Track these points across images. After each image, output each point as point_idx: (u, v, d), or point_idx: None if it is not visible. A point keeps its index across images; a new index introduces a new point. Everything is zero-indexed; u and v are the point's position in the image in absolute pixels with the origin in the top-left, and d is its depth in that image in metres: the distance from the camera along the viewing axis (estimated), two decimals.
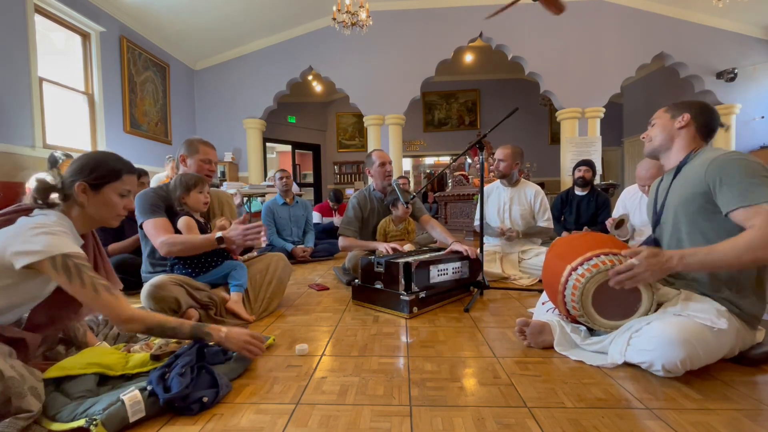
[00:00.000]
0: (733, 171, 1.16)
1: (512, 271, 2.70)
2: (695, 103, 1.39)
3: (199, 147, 2.00)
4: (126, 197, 1.22)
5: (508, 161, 2.74)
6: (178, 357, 1.14)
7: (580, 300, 1.29)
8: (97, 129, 5.12)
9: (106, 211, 1.19)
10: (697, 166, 1.27)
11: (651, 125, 1.47)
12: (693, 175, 1.27)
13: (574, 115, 6.50)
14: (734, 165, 1.17)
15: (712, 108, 1.37)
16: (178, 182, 1.85)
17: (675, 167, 1.39)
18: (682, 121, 1.36)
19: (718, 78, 6.35)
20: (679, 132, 1.38)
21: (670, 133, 1.39)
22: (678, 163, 1.37)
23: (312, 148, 10.44)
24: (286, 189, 3.83)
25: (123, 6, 5.34)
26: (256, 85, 7.12)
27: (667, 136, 1.40)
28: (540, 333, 1.40)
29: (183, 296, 1.64)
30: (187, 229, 1.80)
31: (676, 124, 1.38)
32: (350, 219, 2.65)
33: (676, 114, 1.39)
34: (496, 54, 6.99)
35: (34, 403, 0.89)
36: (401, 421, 0.98)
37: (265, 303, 1.96)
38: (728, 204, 1.16)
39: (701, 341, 1.12)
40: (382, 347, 1.49)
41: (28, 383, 0.89)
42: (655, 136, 1.43)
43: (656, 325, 1.17)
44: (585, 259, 1.31)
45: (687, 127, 1.36)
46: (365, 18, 5.06)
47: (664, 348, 1.12)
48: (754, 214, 1.10)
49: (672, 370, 1.13)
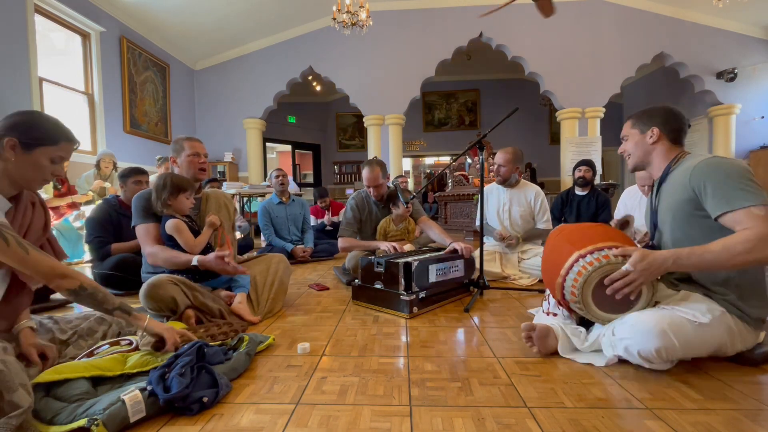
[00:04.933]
0: (715, 176, 1.18)
1: (512, 270, 2.70)
2: (657, 111, 1.40)
3: (184, 144, 1.98)
4: (57, 164, 1.15)
5: (508, 166, 2.73)
6: (178, 357, 1.14)
7: (581, 288, 1.28)
8: (97, 129, 5.12)
9: (32, 173, 1.11)
10: (681, 173, 1.29)
11: (624, 140, 1.49)
12: (678, 183, 1.29)
13: (574, 115, 6.50)
14: (716, 170, 1.19)
15: (675, 112, 1.39)
16: (168, 183, 1.79)
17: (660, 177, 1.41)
18: (653, 136, 1.38)
19: (718, 78, 6.35)
20: (653, 147, 1.39)
21: (645, 149, 1.41)
22: (662, 173, 1.40)
23: (312, 148, 10.44)
24: (282, 188, 3.82)
25: (123, 6, 5.34)
26: (256, 85, 7.12)
27: (642, 153, 1.42)
28: (546, 337, 1.39)
29: (180, 296, 1.64)
30: (179, 232, 1.77)
31: (648, 139, 1.39)
32: (348, 220, 2.66)
33: (644, 129, 1.40)
34: (496, 54, 7.00)
35: (25, 398, 0.87)
36: (401, 421, 0.98)
37: (270, 304, 1.95)
38: (715, 209, 1.18)
39: (679, 333, 1.14)
40: (382, 347, 1.49)
41: (18, 378, 0.88)
42: (632, 152, 1.45)
43: (635, 315, 1.21)
44: (596, 249, 1.29)
45: (659, 141, 1.38)
46: (365, 18, 5.07)
47: (640, 336, 1.15)
48: (742, 217, 1.12)
49: (648, 359, 1.16)
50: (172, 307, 1.62)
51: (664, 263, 1.16)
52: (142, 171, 2.79)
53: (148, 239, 1.82)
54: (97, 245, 2.59)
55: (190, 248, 1.78)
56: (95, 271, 2.58)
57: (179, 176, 1.86)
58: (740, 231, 1.12)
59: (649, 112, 1.42)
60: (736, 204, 1.13)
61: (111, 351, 1.21)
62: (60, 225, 3.66)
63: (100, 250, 2.57)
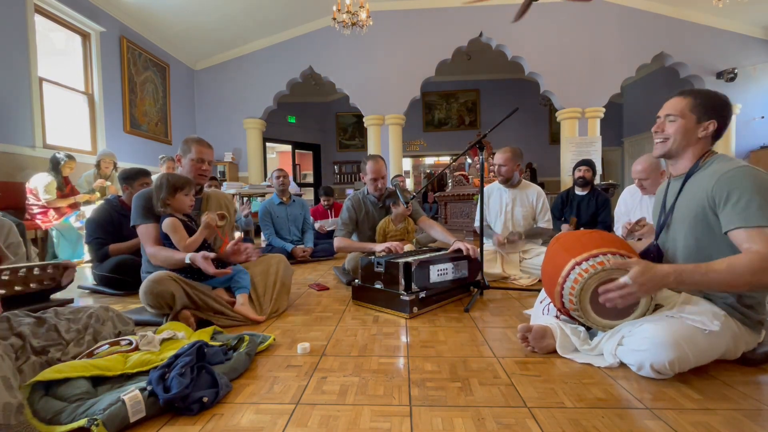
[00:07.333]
0: (742, 187, 1.11)
1: (513, 270, 2.70)
2: (721, 104, 1.26)
3: (192, 146, 1.98)
4: None
5: (508, 165, 2.73)
6: (178, 357, 1.13)
7: (578, 295, 1.28)
8: (97, 129, 5.12)
9: None
10: (707, 177, 1.21)
11: (669, 119, 1.30)
12: (702, 187, 1.22)
13: (574, 115, 6.50)
14: (745, 181, 1.11)
15: (731, 110, 1.28)
16: (164, 183, 1.80)
17: (684, 174, 1.32)
18: (708, 130, 1.25)
19: (718, 78, 6.35)
20: (698, 141, 1.26)
21: (690, 141, 1.27)
22: (687, 170, 1.31)
23: (312, 148, 10.44)
24: (282, 188, 3.82)
25: (123, 6, 5.34)
26: (256, 85, 7.12)
27: (686, 143, 1.28)
28: (542, 338, 1.39)
29: (179, 293, 1.64)
30: (174, 231, 1.77)
31: (700, 131, 1.25)
32: (344, 220, 2.66)
33: (703, 118, 1.25)
34: (496, 54, 7.00)
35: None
36: (401, 421, 0.98)
37: (274, 304, 1.95)
38: (730, 222, 1.12)
39: (691, 343, 1.12)
40: (382, 347, 1.49)
41: None
42: (674, 138, 1.28)
43: (647, 327, 1.17)
44: (591, 256, 1.29)
45: (708, 137, 1.26)
46: (365, 18, 5.06)
47: (654, 349, 1.12)
48: (756, 236, 1.07)
49: (661, 371, 1.13)
50: (170, 303, 1.62)
51: (665, 279, 1.12)
52: (147, 173, 2.80)
53: (149, 240, 1.83)
54: (96, 246, 2.59)
55: (183, 247, 1.78)
56: (95, 272, 2.58)
57: (176, 175, 1.86)
58: (747, 252, 1.07)
59: (713, 101, 1.25)
60: (752, 221, 1.07)
61: (111, 351, 1.21)
62: (60, 225, 3.66)
63: (99, 252, 2.57)
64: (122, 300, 2.36)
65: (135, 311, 1.89)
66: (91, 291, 2.61)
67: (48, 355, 1.17)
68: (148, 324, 1.73)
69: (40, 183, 3.63)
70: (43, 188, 3.62)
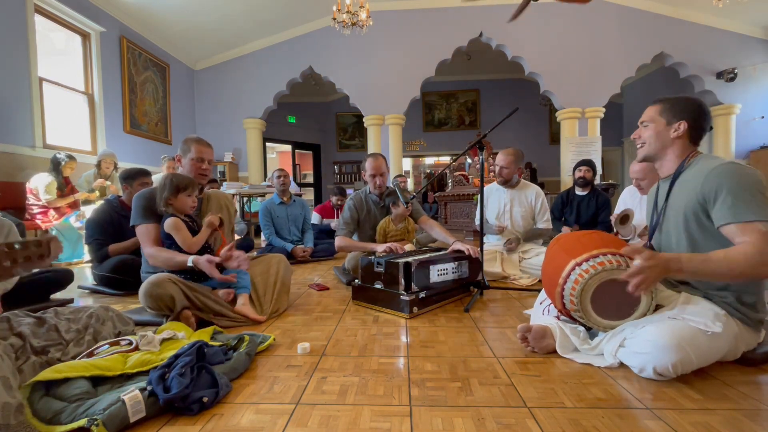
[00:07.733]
0: (729, 184, 1.15)
1: (513, 270, 2.70)
2: (691, 105, 1.32)
3: (191, 146, 1.98)
4: None
5: (510, 167, 2.74)
6: (178, 357, 1.13)
7: (579, 296, 1.28)
8: (97, 129, 5.12)
9: None
10: (695, 175, 1.25)
11: (643, 125, 1.40)
12: (691, 186, 1.26)
13: (574, 115, 6.50)
14: (731, 178, 1.16)
15: (707, 112, 1.33)
16: (167, 183, 1.81)
17: (671, 175, 1.36)
18: (679, 131, 1.31)
19: (718, 78, 6.35)
20: (673, 141, 1.33)
21: (665, 143, 1.34)
22: (674, 171, 1.35)
23: (312, 148, 10.44)
24: (283, 188, 3.83)
25: (123, 6, 5.34)
26: (256, 85, 7.12)
27: (660, 145, 1.35)
28: (542, 338, 1.39)
29: (179, 295, 1.64)
30: (176, 230, 1.78)
31: (672, 132, 1.32)
32: (346, 220, 2.66)
33: (672, 120, 1.32)
34: (496, 54, 6.99)
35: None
36: (401, 421, 0.98)
37: (274, 304, 1.95)
38: (721, 218, 1.15)
39: (694, 345, 1.12)
40: (382, 347, 1.49)
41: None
42: (648, 141, 1.37)
43: (650, 329, 1.17)
44: (591, 256, 1.30)
45: (682, 137, 1.32)
46: (365, 18, 5.06)
47: (657, 352, 1.12)
48: (746, 231, 1.10)
49: (663, 374, 1.14)
50: (170, 305, 1.62)
51: (669, 263, 1.13)
52: (147, 172, 2.80)
53: (148, 240, 1.83)
54: (96, 247, 2.59)
55: (187, 247, 1.78)
56: (95, 272, 2.58)
57: (181, 175, 1.87)
58: (741, 244, 1.11)
59: (682, 103, 1.32)
60: (741, 216, 1.11)
61: (111, 351, 1.21)
62: (60, 224, 3.66)
63: (99, 252, 2.57)
64: (122, 300, 2.36)
65: (135, 311, 1.89)
66: (91, 291, 2.61)
67: (48, 355, 1.17)
68: (148, 324, 1.73)
69: (41, 183, 3.63)
70: (44, 188, 3.62)
